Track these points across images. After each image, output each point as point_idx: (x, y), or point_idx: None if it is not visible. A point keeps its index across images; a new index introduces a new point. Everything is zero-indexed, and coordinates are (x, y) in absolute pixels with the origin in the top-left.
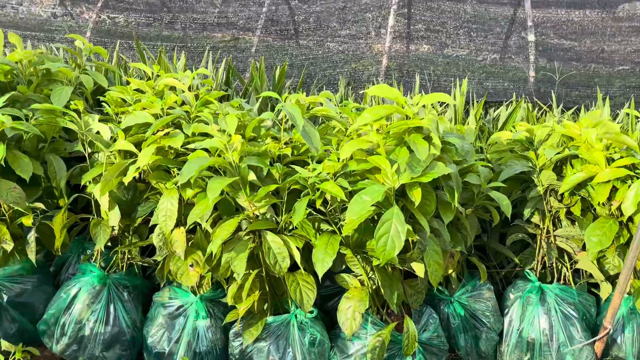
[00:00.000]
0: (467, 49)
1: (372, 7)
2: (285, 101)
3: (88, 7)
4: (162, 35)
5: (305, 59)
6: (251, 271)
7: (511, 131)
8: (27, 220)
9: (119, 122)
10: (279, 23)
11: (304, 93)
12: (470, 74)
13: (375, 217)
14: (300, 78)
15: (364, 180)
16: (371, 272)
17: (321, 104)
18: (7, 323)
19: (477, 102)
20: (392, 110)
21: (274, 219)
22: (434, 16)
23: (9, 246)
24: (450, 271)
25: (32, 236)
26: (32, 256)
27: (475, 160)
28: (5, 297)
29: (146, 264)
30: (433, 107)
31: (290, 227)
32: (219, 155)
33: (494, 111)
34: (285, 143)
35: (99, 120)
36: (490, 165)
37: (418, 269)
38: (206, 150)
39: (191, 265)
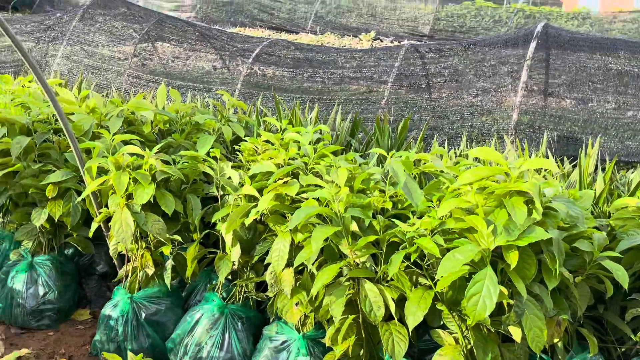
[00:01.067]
0: (610, 105)
1: (509, 59)
2: (392, 157)
3: (243, 61)
4: (303, 87)
5: (433, 111)
6: (348, 316)
7: None
8: (167, 250)
9: (248, 169)
10: (411, 76)
11: (424, 146)
12: (612, 132)
13: (468, 276)
14: (422, 131)
15: (460, 239)
16: (466, 330)
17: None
18: (143, 338)
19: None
20: (494, 171)
21: (372, 268)
22: (574, 69)
23: (150, 270)
24: (555, 340)
25: (169, 264)
26: (167, 281)
27: (592, 227)
28: (143, 315)
29: (260, 299)
30: (558, 165)
31: (388, 278)
32: (327, 205)
33: (632, 173)
34: (390, 197)
35: (232, 167)
36: (614, 232)
37: (515, 333)
38: (317, 199)
39: (296, 304)
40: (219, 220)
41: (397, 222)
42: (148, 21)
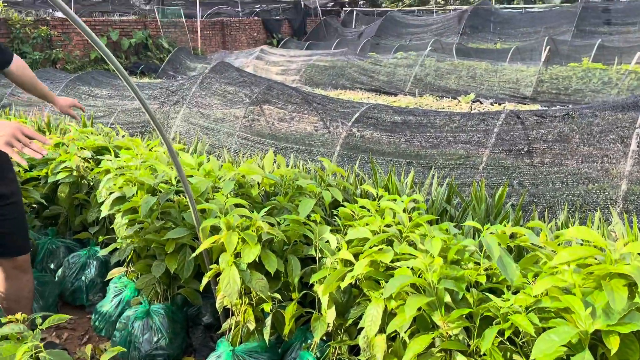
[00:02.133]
0: None
1: (619, 125)
2: (486, 231)
3: (343, 123)
4: (399, 150)
5: (533, 178)
6: None
7: None
8: (267, 307)
9: (345, 234)
10: (511, 141)
11: (522, 216)
12: None
13: (565, 358)
14: (521, 199)
15: (557, 319)
16: None
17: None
18: None
19: None
20: (592, 252)
21: (465, 341)
22: None
23: (252, 325)
24: None
25: (269, 320)
26: (267, 337)
27: None
28: None
29: None
30: None
31: (481, 352)
32: (420, 275)
33: None
34: (485, 269)
35: (330, 231)
36: None
37: None
38: (411, 268)
39: None
40: (317, 282)
41: (491, 296)
42: (257, 86)
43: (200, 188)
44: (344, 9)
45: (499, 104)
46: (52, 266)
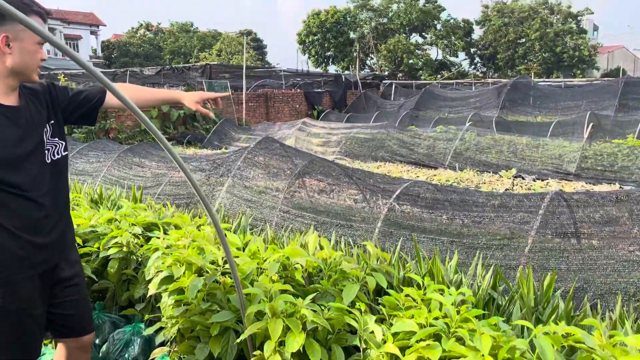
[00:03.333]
0: None
1: None
2: (538, 330)
3: (384, 200)
4: (442, 228)
5: (582, 262)
6: None
7: None
8: None
9: (391, 324)
10: (557, 222)
11: (573, 306)
12: None
13: None
14: (571, 290)
15: None
16: None
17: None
18: None
19: None
20: None
21: None
22: None
23: None
24: None
25: None
26: None
27: None
28: None
29: None
30: None
31: None
32: None
33: None
34: None
35: (375, 321)
36: None
37: None
38: None
39: None
40: None
41: None
42: (300, 160)
43: (245, 270)
44: (384, 81)
45: (542, 180)
46: (97, 341)
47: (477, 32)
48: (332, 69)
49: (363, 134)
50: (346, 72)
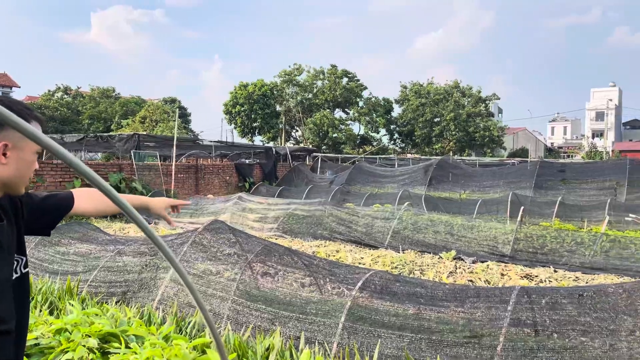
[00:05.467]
0: None
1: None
2: None
3: (349, 289)
4: (407, 324)
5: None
6: None
7: None
8: None
9: None
10: (527, 321)
11: None
12: None
13: None
14: None
15: None
16: None
17: None
18: None
19: None
20: None
21: None
22: None
23: None
24: None
25: None
26: None
27: None
28: None
29: None
30: None
31: None
32: None
33: None
34: None
35: None
36: None
37: None
38: None
39: None
40: None
41: None
42: (253, 246)
43: None
44: (312, 154)
45: (482, 262)
46: None
47: (397, 110)
48: (257, 139)
49: (301, 210)
50: (271, 142)
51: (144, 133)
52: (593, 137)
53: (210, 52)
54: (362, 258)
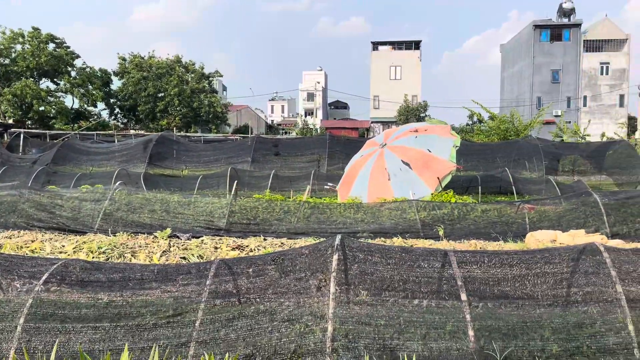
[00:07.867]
0: None
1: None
2: None
3: (27, 283)
4: (101, 313)
5: (250, 329)
6: None
7: None
8: None
9: None
10: (224, 291)
11: None
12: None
13: None
14: None
15: None
16: None
17: None
18: None
19: None
20: None
21: None
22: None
23: None
24: None
25: None
26: None
27: None
28: None
29: None
30: None
31: None
32: None
33: None
34: None
35: None
36: None
37: None
38: None
39: None
40: None
41: None
42: None
43: None
44: (10, 130)
45: (197, 237)
46: None
47: (117, 84)
48: None
49: None
50: None
51: None
52: (306, 115)
53: None
54: (64, 247)
